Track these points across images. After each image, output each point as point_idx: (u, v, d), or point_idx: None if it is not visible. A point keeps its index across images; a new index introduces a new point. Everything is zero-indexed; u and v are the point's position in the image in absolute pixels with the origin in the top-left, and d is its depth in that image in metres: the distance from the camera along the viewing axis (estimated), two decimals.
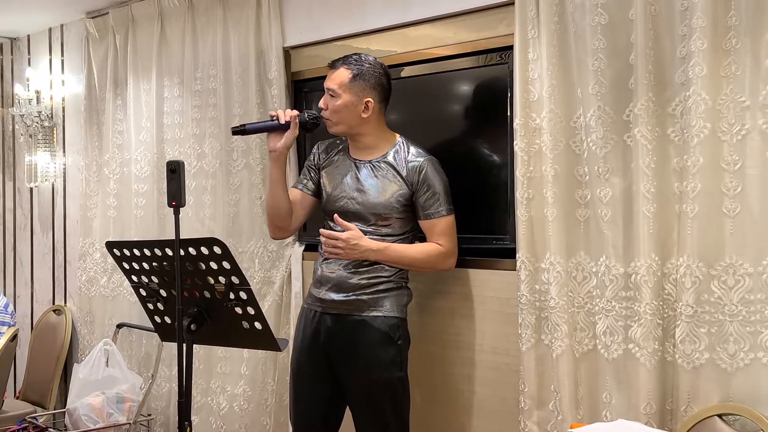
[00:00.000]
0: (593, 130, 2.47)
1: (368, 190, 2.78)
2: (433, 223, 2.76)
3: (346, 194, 2.81)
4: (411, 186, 2.75)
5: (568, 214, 2.58)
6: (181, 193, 2.25)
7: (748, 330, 2.22)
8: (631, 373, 2.42)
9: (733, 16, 2.22)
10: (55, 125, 4.74)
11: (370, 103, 2.76)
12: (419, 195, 2.75)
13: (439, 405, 3.03)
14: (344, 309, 2.78)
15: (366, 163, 2.82)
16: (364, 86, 2.75)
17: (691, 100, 2.26)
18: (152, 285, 2.40)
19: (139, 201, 4.08)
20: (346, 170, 2.85)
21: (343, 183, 2.83)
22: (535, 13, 2.62)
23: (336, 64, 2.79)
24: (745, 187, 2.21)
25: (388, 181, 2.77)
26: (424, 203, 2.75)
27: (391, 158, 2.80)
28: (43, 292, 4.91)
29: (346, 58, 2.80)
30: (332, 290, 2.79)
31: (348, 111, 2.76)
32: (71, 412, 3.80)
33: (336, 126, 2.80)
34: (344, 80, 2.75)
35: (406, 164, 2.77)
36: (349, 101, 2.75)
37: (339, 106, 2.75)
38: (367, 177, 2.80)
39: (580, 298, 2.57)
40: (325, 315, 2.81)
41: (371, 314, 2.75)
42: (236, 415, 3.63)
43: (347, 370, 2.78)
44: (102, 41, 4.30)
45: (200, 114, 3.80)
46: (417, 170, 2.75)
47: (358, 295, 2.76)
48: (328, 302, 2.80)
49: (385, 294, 2.77)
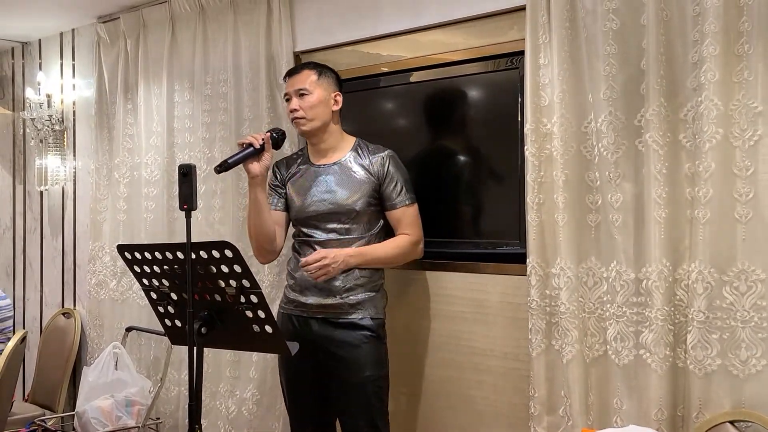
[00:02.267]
0: (604, 135, 2.47)
1: (338, 189, 2.87)
2: (402, 211, 2.88)
3: (317, 198, 2.90)
4: (378, 179, 2.88)
5: (578, 219, 2.57)
6: (193, 196, 2.25)
7: (760, 336, 2.22)
8: (642, 379, 2.41)
9: (745, 21, 2.22)
10: (65, 129, 4.75)
11: (338, 97, 2.94)
12: (386, 186, 2.87)
13: (449, 410, 3.02)
14: (331, 312, 2.84)
15: (330, 166, 2.93)
16: (330, 82, 2.95)
17: (703, 105, 2.26)
18: (163, 288, 2.40)
19: (149, 205, 4.09)
20: (311, 177, 2.94)
21: (312, 190, 2.92)
22: (546, 19, 2.62)
23: (295, 71, 2.96)
24: (757, 193, 2.21)
25: (356, 178, 2.87)
26: (390, 193, 2.87)
27: (355, 156, 2.92)
28: (52, 295, 4.92)
29: (303, 64, 3.02)
30: (318, 294, 2.86)
31: (322, 105, 2.90)
32: (80, 415, 3.80)
33: (310, 122, 2.89)
34: (312, 79, 2.91)
35: (369, 159, 2.90)
36: (322, 96, 2.90)
37: (314, 101, 2.88)
38: (335, 178, 2.90)
39: (591, 304, 2.56)
40: (309, 319, 2.88)
41: (358, 316, 2.83)
42: (245, 419, 3.63)
43: (337, 372, 2.83)
44: (113, 46, 4.31)
45: (210, 118, 3.81)
46: (381, 163, 2.88)
47: (344, 298, 2.83)
48: (314, 307, 2.86)
49: (370, 295, 2.86)
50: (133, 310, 4.19)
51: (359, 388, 2.81)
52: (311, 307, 2.87)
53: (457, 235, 3.08)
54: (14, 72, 5.19)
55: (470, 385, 2.97)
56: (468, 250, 3.02)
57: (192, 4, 3.85)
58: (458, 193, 3.07)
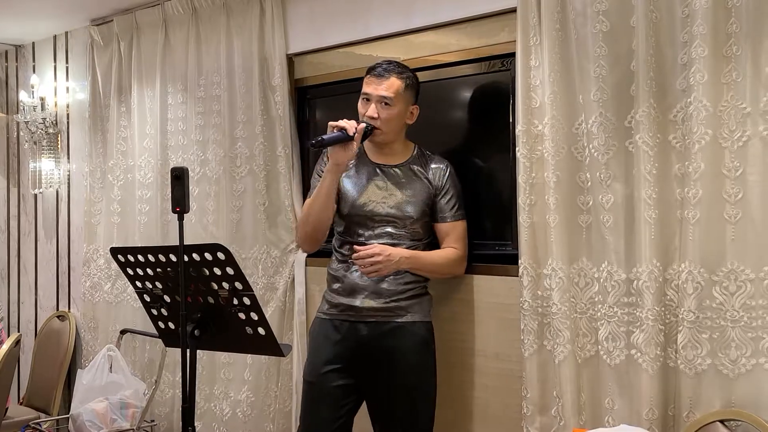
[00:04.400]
0: (595, 136, 2.48)
1: (399, 193, 2.79)
2: (453, 225, 2.81)
3: (376, 199, 2.79)
4: (436, 189, 2.81)
5: (570, 220, 2.58)
6: (185, 199, 2.25)
7: (749, 336, 2.23)
8: (633, 378, 2.43)
9: (733, 23, 2.23)
10: (59, 132, 4.76)
11: (415, 110, 2.82)
12: (441, 198, 2.81)
13: (442, 410, 3.03)
14: (382, 316, 2.75)
15: (391, 167, 2.83)
16: (412, 94, 2.80)
17: (692, 106, 2.27)
18: (156, 291, 2.41)
19: (143, 207, 4.09)
20: (369, 175, 2.83)
21: (370, 188, 2.81)
22: (536, 21, 2.63)
23: (384, 73, 2.75)
24: (746, 194, 2.22)
25: (418, 185, 2.80)
26: (445, 206, 2.81)
27: (416, 162, 2.84)
28: (47, 298, 4.92)
29: (392, 66, 2.77)
30: (369, 297, 2.75)
31: (399, 119, 2.78)
32: (75, 418, 3.80)
33: (385, 135, 2.78)
34: (399, 89, 2.74)
35: (430, 168, 2.83)
36: (402, 110, 2.77)
37: (393, 115, 2.75)
38: (396, 181, 2.80)
39: (583, 304, 2.57)
40: (358, 324, 2.76)
41: (409, 319, 2.76)
42: (239, 421, 3.64)
43: (383, 378, 2.74)
44: (106, 48, 4.32)
45: (204, 121, 3.82)
46: (441, 174, 2.82)
47: (396, 301, 2.75)
48: (364, 310, 2.75)
49: (418, 299, 2.80)
50: (128, 313, 4.19)
51: (407, 395, 2.73)
52: (361, 311, 2.75)
53: None
54: (8, 75, 5.19)
55: (462, 386, 2.97)
56: None
57: (185, 7, 3.86)
58: None
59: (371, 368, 2.76)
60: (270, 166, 3.54)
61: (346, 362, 2.77)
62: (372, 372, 2.76)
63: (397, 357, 2.73)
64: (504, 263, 2.86)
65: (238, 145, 3.63)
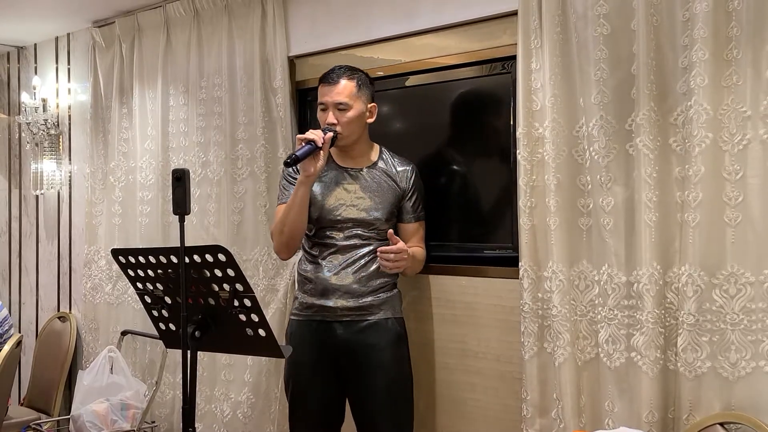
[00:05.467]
0: (595, 139, 2.49)
1: (368, 197, 2.83)
2: (419, 225, 2.93)
3: (345, 203, 2.84)
4: (403, 192, 2.88)
5: (570, 222, 2.59)
6: (186, 200, 2.26)
7: (749, 339, 2.23)
8: (633, 381, 2.43)
9: (734, 27, 2.23)
10: (61, 133, 4.76)
11: (374, 108, 2.87)
12: (408, 199, 2.89)
13: (442, 413, 3.04)
14: (356, 315, 2.81)
15: (359, 170, 2.88)
16: (367, 93, 2.85)
17: (692, 110, 2.28)
18: (157, 292, 2.41)
19: (144, 209, 4.10)
20: (338, 179, 2.88)
21: (339, 192, 2.86)
22: (537, 24, 2.63)
23: (335, 79, 2.80)
24: (746, 197, 2.23)
25: (386, 188, 2.86)
26: (410, 207, 2.91)
27: (383, 165, 2.89)
28: (48, 299, 4.92)
29: (342, 70, 2.83)
30: (342, 297, 2.81)
31: (359, 120, 2.82)
32: (75, 418, 3.80)
33: (347, 138, 2.82)
34: (352, 91, 2.79)
35: (396, 170, 2.89)
36: (361, 110, 2.82)
37: (353, 117, 2.80)
38: (364, 184, 2.85)
39: (583, 307, 2.58)
40: (334, 323, 2.82)
41: (382, 316, 2.82)
42: (240, 422, 3.64)
43: (363, 374, 2.80)
44: (108, 50, 4.32)
45: (205, 122, 3.82)
46: (407, 177, 2.90)
47: (370, 300, 2.81)
48: (338, 310, 2.81)
49: (390, 296, 2.86)
50: (129, 314, 4.19)
51: (386, 391, 2.79)
52: (336, 311, 2.81)
53: (450, 238, 3.09)
54: (10, 76, 5.20)
55: (462, 388, 2.98)
56: (460, 254, 3.04)
57: (187, 8, 3.86)
58: (450, 197, 3.09)
59: (350, 365, 2.82)
60: (271, 168, 3.54)
61: (325, 364, 2.82)
62: (351, 369, 2.82)
63: (374, 353, 2.79)
64: (504, 265, 2.87)
65: (239, 146, 3.63)
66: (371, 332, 2.80)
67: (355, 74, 2.83)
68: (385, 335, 2.81)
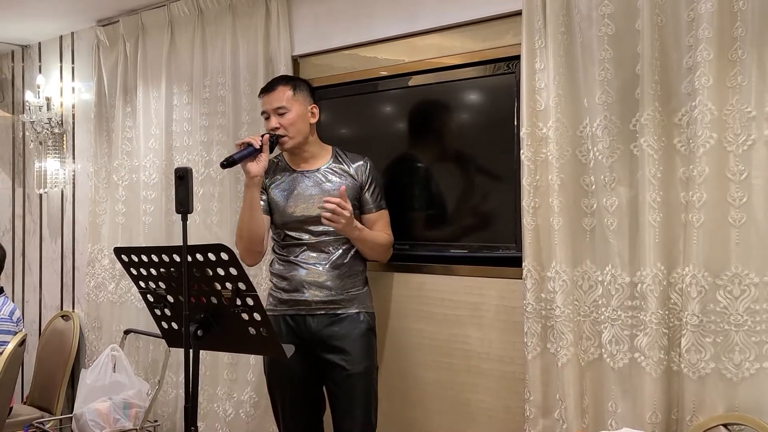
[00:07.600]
0: (599, 139, 2.48)
1: (324, 194, 2.91)
2: (380, 214, 3.02)
3: (306, 203, 2.95)
4: (361, 184, 2.99)
5: (574, 223, 2.58)
6: (189, 199, 2.26)
7: (753, 340, 2.23)
8: (636, 382, 2.42)
9: (739, 27, 2.23)
10: (65, 132, 4.77)
11: (315, 109, 3.01)
12: (367, 190, 3.00)
13: (445, 413, 3.03)
14: (329, 308, 2.91)
15: (314, 172, 2.99)
16: (305, 95, 3.00)
17: (697, 110, 2.27)
18: (160, 291, 2.41)
19: (148, 208, 4.10)
20: (294, 183, 2.99)
21: (299, 194, 2.97)
22: (542, 24, 2.63)
23: (271, 86, 2.98)
24: (750, 197, 2.22)
25: (344, 183, 2.93)
26: (369, 198, 3.00)
27: (337, 163, 3.00)
28: (51, 297, 4.93)
29: (277, 79, 3.05)
30: (316, 291, 2.91)
31: (301, 121, 2.95)
32: (78, 417, 3.81)
33: (293, 139, 2.95)
34: (289, 95, 2.94)
35: (350, 165, 3.00)
36: (301, 112, 2.95)
37: (293, 118, 2.93)
38: (319, 183, 2.95)
39: (586, 307, 2.57)
40: (308, 317, 2.92)
41: (354, 310, 2.93)
42: (242, 421, 3.64)
43: (337, 366, 2.89)
44: (112, 49, 4.33)
45: (209, 121, 3.82)
46: (363, 170, 3.00)
47: (341, 293, 2.92)
48: (313, 303, 2.91)
49: (360, 291, 2.97)
50: (132, 313, 4.20)
51: (357, 380, 2.88)
52: (311, 304, 2.92)
53: (453, 238, 3.09)
54: (14, 75, 5.21)
55: (465, 388, 2.97)
56: (464, 254, 3.03)
57: (191, 8, 3.87)
58: (454, 197, 3.09)
59: (322, 359, 2.92)
60: None
61: (302, 355, 2.86)
62: (323, 363, 2.92)
63: (346, 346, 2.88)
64: (508, 266, 2.86)
65: None
66: (344, 324, 2.90)
67: (291, 80, 3.02)
68: (357, 327, 2.91)
